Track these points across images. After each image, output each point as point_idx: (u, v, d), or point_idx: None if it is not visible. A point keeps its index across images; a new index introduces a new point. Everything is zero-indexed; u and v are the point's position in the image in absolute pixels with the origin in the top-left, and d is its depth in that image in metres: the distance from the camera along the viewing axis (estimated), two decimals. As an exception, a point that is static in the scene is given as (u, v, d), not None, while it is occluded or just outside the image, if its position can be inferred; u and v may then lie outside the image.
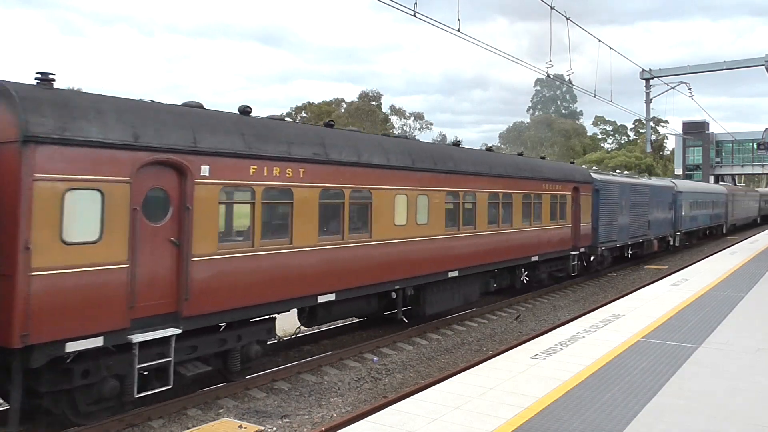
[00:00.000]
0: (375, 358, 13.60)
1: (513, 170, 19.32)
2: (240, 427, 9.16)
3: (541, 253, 20.93)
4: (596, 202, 25.34)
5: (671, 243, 37.03)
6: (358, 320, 16.23)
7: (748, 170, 76.68)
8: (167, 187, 9.45)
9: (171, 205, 9.51)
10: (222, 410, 10.27)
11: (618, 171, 49.82)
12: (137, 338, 8.89)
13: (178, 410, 10.06)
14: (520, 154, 22.99)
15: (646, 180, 35.32)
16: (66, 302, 8.12)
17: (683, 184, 40.95)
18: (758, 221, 68.61)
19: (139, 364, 9.00)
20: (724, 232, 51.07)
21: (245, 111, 11.40)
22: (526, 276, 20.59)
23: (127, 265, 8.76)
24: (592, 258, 25.65)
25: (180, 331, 9.48)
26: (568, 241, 23.22)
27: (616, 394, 7.99)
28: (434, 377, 11.95)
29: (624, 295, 18.11)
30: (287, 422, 9.88)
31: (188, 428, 9.35)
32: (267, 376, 11.70)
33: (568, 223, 23.11)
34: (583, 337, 11.25)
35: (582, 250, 24.43)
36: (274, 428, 9.60)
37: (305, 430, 9.62)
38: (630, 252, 30.14)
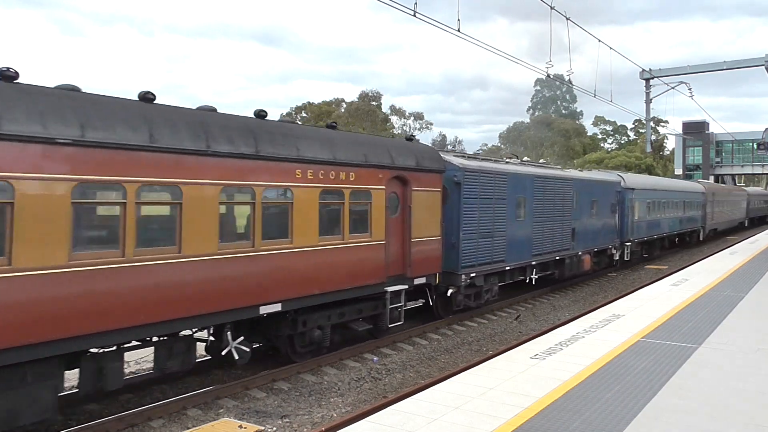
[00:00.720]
0: (375, 358, 13.61)
1: (185, 138, 9.64)
2: (240, 427, 9.17)
3: (292, 298, 11.54)
4: (456, 201, 16.31)
5: (616, 258, 27.87)
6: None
7: (748, 170, 76.83)
8: None
9: None
10: (222, 410, 10.27)
11: (541, 159, 34.61)
12: None
13: (178, 410, 10.06)
14: (332, 127, 13.60)
15: (569, 172, 24.88)
16: None
17: (636, 180, 31.19)
18: (746, 224, 61.30)
19: None
20: (701, 239, 42.59)
21: None
22: (240, 342, 11.01)
23: None
24: (449, 292, 16.31)
25: None
26: (378, 271, 13.67)
27: (616, 394, 8.00)
28: (434, 377, 11.96)
29: (624, 295, 18.12)
30: (287, 422, 9.89)
31: (188, 428, 9.35)
32: (267, 376, 11.71)
33: (378, 239, 13.61)
34: (583, 337, 11.26)
35: (421, 280, 15.07)
36: (274, 428, 9.61)
37: (305, 430, 9.63)
38: (535, 276, 20.51)
